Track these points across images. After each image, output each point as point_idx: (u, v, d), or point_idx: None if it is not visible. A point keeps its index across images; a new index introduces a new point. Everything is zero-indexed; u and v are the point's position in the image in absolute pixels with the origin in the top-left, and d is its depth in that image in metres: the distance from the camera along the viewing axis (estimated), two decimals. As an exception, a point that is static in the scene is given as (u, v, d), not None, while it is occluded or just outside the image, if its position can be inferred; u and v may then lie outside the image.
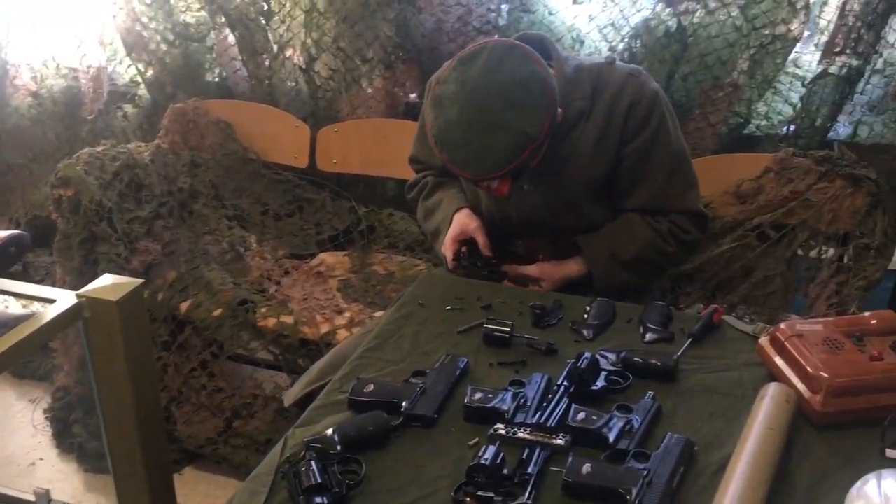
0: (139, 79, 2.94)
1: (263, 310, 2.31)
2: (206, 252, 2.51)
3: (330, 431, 1.22)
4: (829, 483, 1.15)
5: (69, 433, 2.51)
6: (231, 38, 2.75)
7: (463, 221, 1.87)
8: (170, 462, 1.77)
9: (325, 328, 2.25)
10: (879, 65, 2.22)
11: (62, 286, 2.33)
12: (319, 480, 1.11)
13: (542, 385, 1.34)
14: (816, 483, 1.15)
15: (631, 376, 1.37)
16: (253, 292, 2.38)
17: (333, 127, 2.66)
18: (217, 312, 2.32)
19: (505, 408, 1.29)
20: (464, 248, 1.82)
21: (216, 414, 2.36)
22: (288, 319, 2.28)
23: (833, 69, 2.21)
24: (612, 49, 2.38)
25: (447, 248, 1.86)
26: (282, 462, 1.19)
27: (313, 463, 1.14)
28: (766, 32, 2.22)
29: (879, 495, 1.03)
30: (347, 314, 2.31)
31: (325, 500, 1.09)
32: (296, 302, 2.35)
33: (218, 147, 2.71)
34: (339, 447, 1.19)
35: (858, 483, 1.08)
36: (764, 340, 1.39)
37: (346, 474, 1.16)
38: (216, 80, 2.90)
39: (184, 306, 2.37)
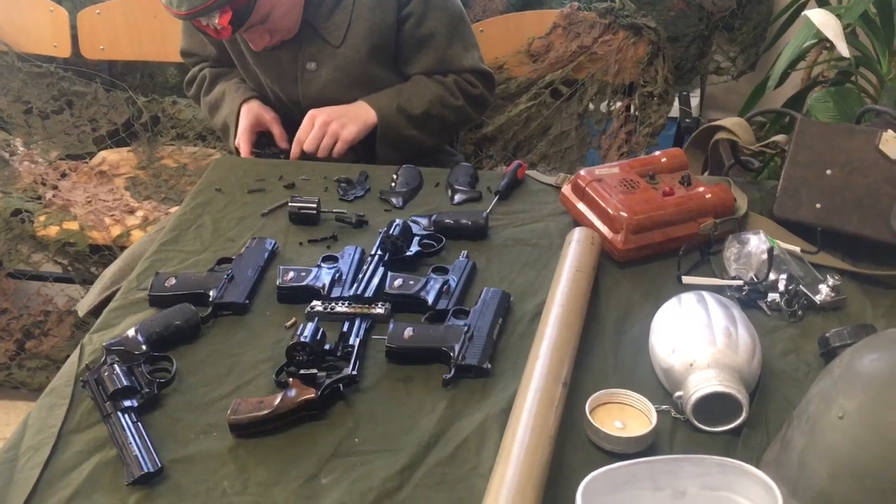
0: None
1: (42, 218, 2.10)
2: (-38, 162, 2.22)
3: (132, 332, 1.13)
4: (634, 315, 1.21)
5: None
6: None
7: (256, 112, 1.77)
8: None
9: (116, 230, 2.08)
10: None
11: None
12: (126, 383, 1.02)
13: (356, 257, 1.31)
14: (623, 316, 1.22)
15: (444, 238, 1.36)
16: (27, 200, 2.15)
17: (95, 8, 2.37)
18: (-14, 227, 2.08)
19: (320, 284, 1.24)
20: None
21: (4, 337, 2.15)
22: (72, 225, 2.08)
23: (609, -81, 2.23)
24: None
25: (242, 140, 1.75)
26: (80, 371, 1.09)
27: (116, 366, 1.04)
28: None
29: (680, 309, 1.09)
30: (140, 213, 2.14)
31: (135, 403, 1.01)
32: (79, 206, 2.14)
33: (-43, 40, 2.36)
34: (143, 346, 1.10)
35: (660, 310, 1.14)
36: (566, 189, 1.42)
37: (155, 373, 1.08)
38: (-58, -38, 2.50)
39: (-55, 225, 2.10)
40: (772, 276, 1.22)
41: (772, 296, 1.21)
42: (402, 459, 0.98)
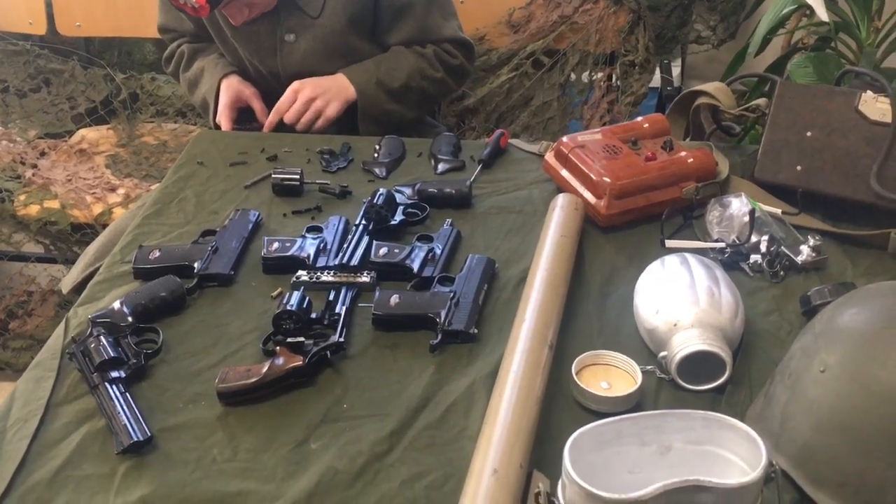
0: None
1: (22, 197, 2.08)
2: (-61, 142, 2.19)
3: (117, 304, 1.12)
4: (618, 278, 1.22)
5: None
6: None
7: (236, 87, 1.76)
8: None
9: (98, 208, 2.07)
10: None
11: None
12: (113, 354, 1.02)
13: (341, 227, 1.31)
14: (608, 280, 1.22)
15: (428, 207, 1.36)
16: (6, 179, 2.13)
17: (69, -17, 2.35)
18: (-35, 207, 2.06)
19: (305, 254, 1.24)
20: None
21: (-14, 318, 2.14)
22: (53, 204, 2.06)
23: None
24: None
25: (223, 117, 1.75)
26: (67, 343, 1.09)
27: (103, 338, 1.04)
28: None
29: (663, 271, 1.10)
30: (122, 190, 2.13)
31: (123, 374, 1.01)
32: (59, 184, 2.13)
33: (-70, 19, 2.32)
34: (129, 318, 1.10)
35: (644, 272, 1.15)
36: (549, 156, 1.42)
37: (142, 344, 1.08)
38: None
39: (-77, 205, 2.08)
40: (753, 238, 1.23)
41: (754, 257, 1.22)
42: (391, 424, 0.98)
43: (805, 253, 1.22)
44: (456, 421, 0.99)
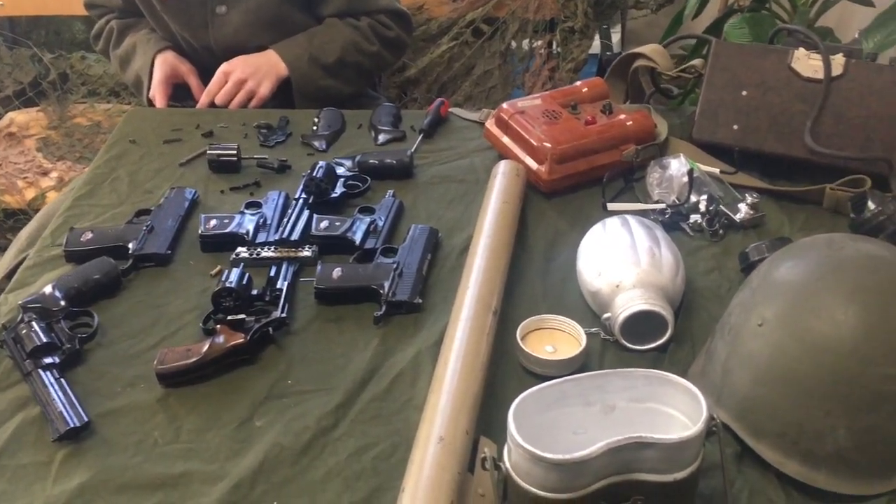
0: None
1: (-51, 184, 2.01)
2: None
3: (49, 289, 1.09)
4: (561, 243, 1.22)
5: None
6: None
7: (171, 63, 1.70)
8: None
9: (30, 193, 2.01)
10: None
11: None
12: (45, 340, 0.99)
13: (280, 202, 1.28)
14: (551, 245, 1.22)
15: (369, 178, 1.35)
16: (-69, 167, 2.05)
17: (-11, -40, 2.26)
18: None
19: (244, 230, 1.22)
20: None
21: (-81, 311, 2.06)
22: (-17, 191, 2.00)
23: None
24: None
25: (157, 92, 1.69)
26: (-4, 331, 1.05)
27: (34, 323, 1.01)
28: None
29: (604, 233, 1.11)
30: (55, 174, 2.07)
31: (57, 359, 0.98)
32: (-12, 170, 2.06)
33: None
34: (62, 303, 1.07)
35: (586, 236, 1.15)
36: (490, 123, 1.41)
37: (76, 329, 1.05)
38: None
39: None
40: (693, 198, 1.24)
41: (694, 217, 1.23)
42: (337, 397, 0.97)
43: (743, 211, 1.23)
44: (402, 391, 0.98)
